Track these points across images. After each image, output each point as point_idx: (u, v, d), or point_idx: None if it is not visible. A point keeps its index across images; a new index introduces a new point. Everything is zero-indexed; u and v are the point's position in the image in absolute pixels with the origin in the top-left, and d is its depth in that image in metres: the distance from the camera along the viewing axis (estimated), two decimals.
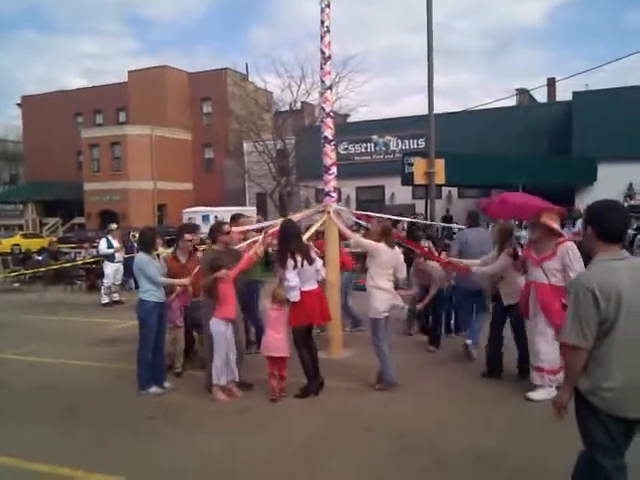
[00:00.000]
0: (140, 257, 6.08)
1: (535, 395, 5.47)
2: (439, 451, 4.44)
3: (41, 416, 5.43)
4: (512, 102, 29.02)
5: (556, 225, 5.56)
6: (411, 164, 16.99)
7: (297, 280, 5.68)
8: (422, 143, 25.37)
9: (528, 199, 6.25)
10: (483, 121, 24.80)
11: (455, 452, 4.41)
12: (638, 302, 2.74)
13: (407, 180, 18.84)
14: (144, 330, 6.02)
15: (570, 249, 5.42)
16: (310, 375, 5.84)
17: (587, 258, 3.23)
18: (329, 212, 7.20)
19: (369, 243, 5.99)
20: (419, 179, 14.53)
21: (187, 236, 6.81)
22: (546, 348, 5.47)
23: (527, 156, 22.40)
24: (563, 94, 33.19)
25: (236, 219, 7.79)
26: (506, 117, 25.12)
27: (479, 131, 24.44)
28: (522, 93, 29.95)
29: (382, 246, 5.91)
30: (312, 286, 5.83)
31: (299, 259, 5.71)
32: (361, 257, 13.12)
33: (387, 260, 5.93)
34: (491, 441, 4.58)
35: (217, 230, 6.22)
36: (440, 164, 14.26)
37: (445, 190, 25.34)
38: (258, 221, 9.93)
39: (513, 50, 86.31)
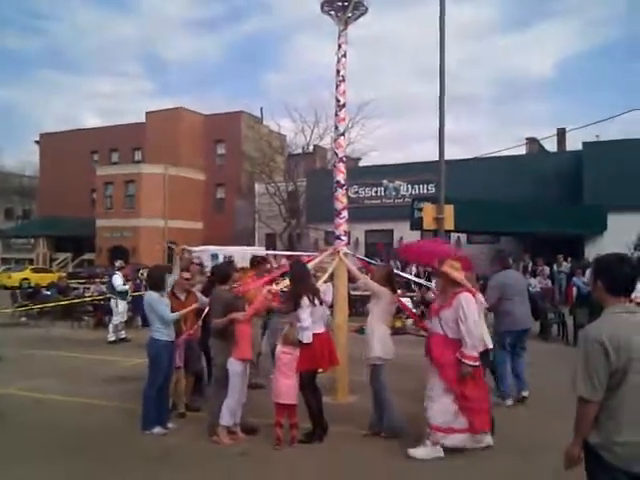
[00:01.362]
0: (150, 295, 6.11)
1: (415, 452, 5.18)
2: None
3: (41, 453, 5.36)
4: (522, 151, 29.38)
5: (457, 274, 5.31)
6: (420, 209, 17.12)
7: (310, 320, 5.62)
8: (432, 188, 25.58)
9: (433, 246, 6.27)
10: (493, 168, 25.06)
11: None
12: None
13: (416, 225, 18.94)
14: (154, 369, 6.00)
15: (464, 300, 5.16)
16: (316, 421, 5.75)
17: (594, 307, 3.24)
18: (340, 254, 7.26)
19: (378, 286, 5.99)
20: (428, 224, 14.58)
21: (185, 274, 6.85)
22: (435, 406, 5.17)
23: (537, 204, 22.51)
24: (573, 143, 33.44)
25: (258, 265, 7.83)
26: (516, 165, 25.37)
27: (489, 178, 24.66)
28: (532, 142, 30.33)
29: (387, 290, 5.93)
30: (321, 329, 5.80)
31: (312, 298, 5.71)
32: (356, 301, 13.00)
33: (390, 304, 5.96)
34: None
35: (227, 272, 6.28)
36: (449, 210, 14.32)
37: (454, 236, 25.41)
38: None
39: (523, 99, 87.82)
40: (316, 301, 5.74)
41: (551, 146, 31.67)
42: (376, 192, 29.76)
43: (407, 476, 4.90)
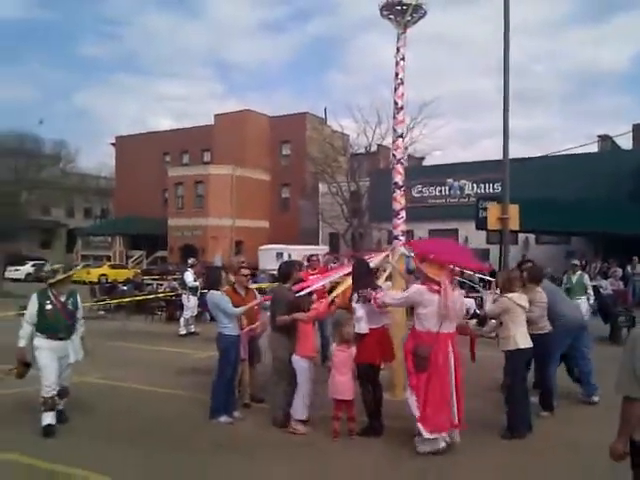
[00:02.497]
0: (212, 294, 6.52)
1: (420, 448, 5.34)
2: None
3: (120, 437, 5.84)
4: (594, 148, 28.27)
5: (432, 271, 5.47)
6: (485, 209, 16.88)
7: (363, 312, 5.84)
8: (498, 187, 25.03)
9: (430, 246, 6.46)
10: (564, 167, 24.30)
11: None
12: None
13: (481, 224, 18.66)
14: (223, 362, 6.39)
15: (413, 287, 5.62)
16: (372, 415, 5.93)
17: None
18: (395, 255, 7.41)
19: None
20: (492, 224, 14.35)
21: (244, 271, 7.17)
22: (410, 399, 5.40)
23: (609, 203, 21.67)
24: None
25: (313, 263, 8.21)
26: (588, 163, 24.51)
27: (559, 177, 23.95)
28: (604, 139, 29.10)
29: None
30: (378, 324, 5.96)
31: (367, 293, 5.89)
32: None
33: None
34: None
35: (289, 271, 6.57)
36: (514, 210, 14.06)
37: (522, 236, 24.82)
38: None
39: (595, 95, 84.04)
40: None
41: (625, 143, 30.33)
42: (440, 191, 29.50)
43: (463, 472, 5.01)
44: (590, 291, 12.06)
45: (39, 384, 5.82)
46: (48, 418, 5.80)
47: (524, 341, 5.95)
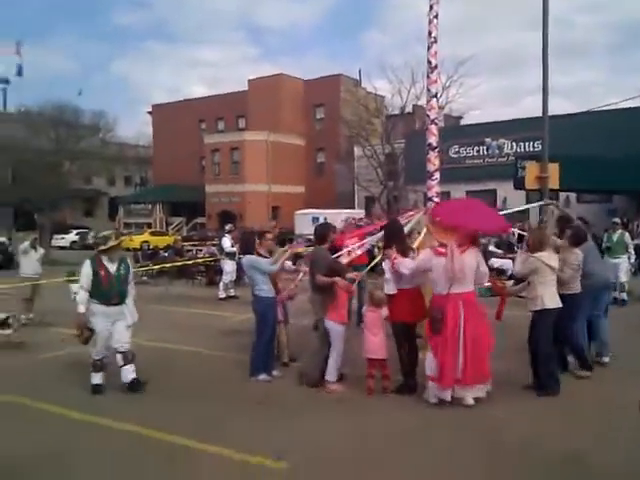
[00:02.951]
0: (248, 257, 6.73)
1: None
2: (528, 451, 4.56)
3: (170, 394, 6.15)
4: (637, 103, 27.04)
5: (439, 234, 5.74)
6: (524, 168, 16.52)
7: (390, 273, 5.98)
8: (538, 146, 24.38)
9: (446, 208, 6.60)
10: (607, 123, 23.42)
11: (544, 453, 4.50)
12: None
13: (519, 184, 18.29)
14: (262, 324, 6.62)
15: (422, 252, 5.97)
16: (407, 374, 6.08)
17: None
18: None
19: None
20: (531, 184, 14.06)
21: (268, 235, 7.22)
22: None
23: None
24: None
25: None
26: (630, 119, 23.51)
27: (602, 133, 23.13)
28: None
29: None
30: (409, 285, 6.02)
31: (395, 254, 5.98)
32: None
33: None
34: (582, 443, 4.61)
35: (325, 233, 6.69)
36: (554, 168, 13.73)
37: (563, 195, 24.23)
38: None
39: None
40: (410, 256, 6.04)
41: None
42: (478, 151, 28.90)
43: (496, 425, 5.13)
44: (631, 250, 11.84)
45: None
46: (96, 378, 6.12)
47: (552, 302, 5.94)
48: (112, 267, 6.13)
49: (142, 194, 48.64)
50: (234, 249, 13.54)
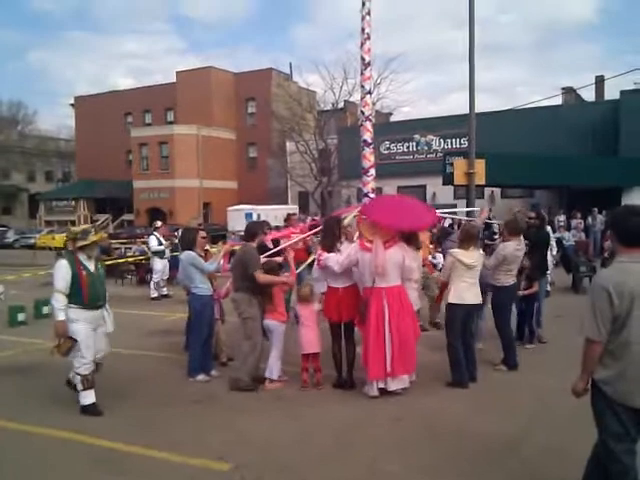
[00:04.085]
0: (187, 253, 6.57)
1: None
2: (468, 438, 4.72)
3: (106, 398, 5.87)
4: (558, 101, 28.56)
5: (367, 231, 5.87)
6: (452, 164, 17.06)
7: (319, 272, 6.15)
8: (465, 142, 25.22)
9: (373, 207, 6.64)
10: (528, 120, 24.56)
11: (482, 438, 4.67)
12: None
13: (448, 180, 18.88)
14: (198, 322, 6.49)
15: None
16: (338, 370, 6.14)
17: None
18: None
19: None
20: (459, 179, 14.58)
21: (202, 233, 7.10)
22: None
23: (572, 156, 22.08)
24: (614, 92, 32.32)
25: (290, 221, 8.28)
26: (552, 116, 24.77)
27: (525, 130, 24.23)
28: (568, 92, 29.41)
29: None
30: (338, 284, 6.04)
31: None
32: None
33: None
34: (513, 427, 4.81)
35: (256, 230, 6.61)
36: (480, 164, 14.28)
37: (488, 190, 25.20)
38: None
39: (561, 45, 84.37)
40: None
41: (590, 95, 30.73)
42: (408, 147, 29.54)
43: (434, 414, 5.26)
44: (553, 243, 12.42)
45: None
46: (90, 396, 5.43)
47: (456, 298, 6.10)
48: (91, 265, 5.47)
49: (65, 190, 46.47)
50: (162, 247, 13.15)
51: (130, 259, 16.10)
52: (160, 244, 13.19)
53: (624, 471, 3.10)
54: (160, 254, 13.17)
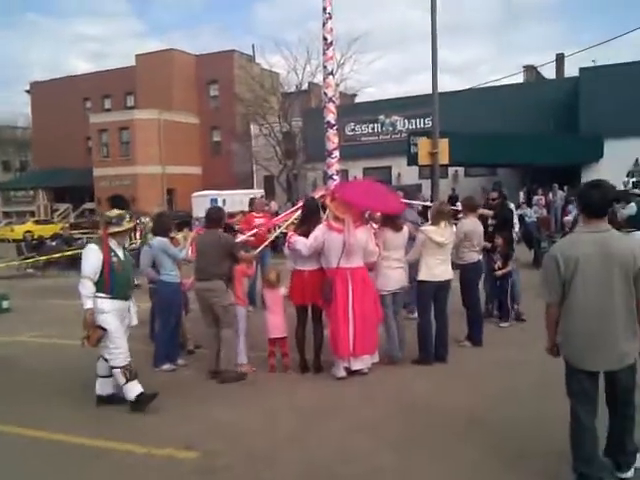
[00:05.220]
0: (160, 240, 6.41)
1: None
2: (433, 413, 4.78)
3: (61, 392, 5.76)
4: (520, 79, 28.90)
5: (338, 210, 5.82)
6: (416, 144, 17.11)
7: (289, 252, 6.09)
8: (429, 122, 25.32)
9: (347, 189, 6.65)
10: (490, 99, 24.78)
11: (447, 412, 4.72)
12: (593, 271, 3.23)
13: (413, 160, 18.96)
14: (166, 311, 6.38)
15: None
16: (301, 352, 6.10)
17: None
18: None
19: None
20: (423, 159, 14.63)
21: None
22: None
23: (533, 134, 22.41)
24: (574, 70, 32.79)
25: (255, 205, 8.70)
26: (513, 95, 25.06)
27: (486, 109, 24.45)
28: (529, 70, 29.79)
29: (387, 229, 6.18)
30: (302, 266, 6.01)
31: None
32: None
33: (392, 241, 6.18)
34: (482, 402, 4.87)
35: (220, 216, 6.46)
36: (444, 144, 14.33)
37: (452, 169, 25.44)
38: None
39: (523, 25, 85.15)
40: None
41: (550, 73, 31.15)
42: (373, 129, 29.54)
43: (402, 391, 5.30)
44: (515, 220, 12.60)
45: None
46: (137, 387, 5.11)
47: (424, 274, 6.13)
48: (121, 253, 5.20)
49: (23, 180, 45.10)
50: None
51: None
52: None
53: (581, 430, 3.33)
54: None
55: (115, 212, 5.32)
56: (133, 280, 5.50)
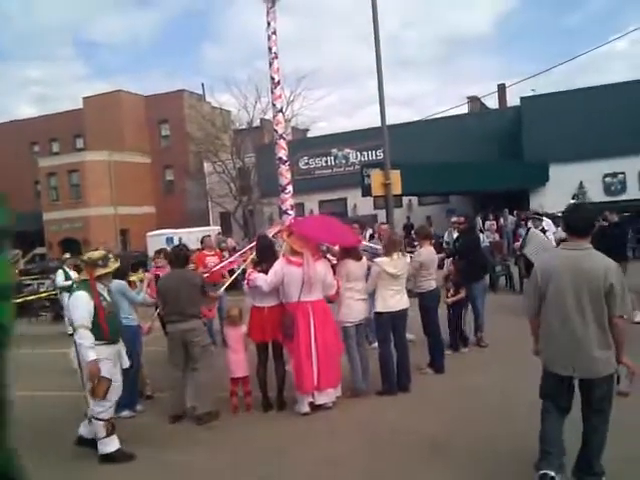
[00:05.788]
0: (119, 282, 6.24)
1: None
2: (402, 442, 4.76)
3: (26, 445, 5.47)
4: (465, 110, 29.94)
5: (296, 244, 5.88)
6: (369, 176, 17.42)
7: (248, 289, 6.01)
8: (380, 154, 25.82)
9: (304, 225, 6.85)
10: (438, 130, 25.52)
11: (412, 440, 4.70)
12: (564, 284, 3.47)
13: (367, 192, 19.26)
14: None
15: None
16: (263, 390, 6.01)
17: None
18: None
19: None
20: (377, 190, 14.87)
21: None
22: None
23: (481, 162, 23.15)
24: (515, 99, 34.24)
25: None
26: (459, 125, 25.89)
27: (435, 140, 25.14)
28: (473, 101, 30.93)
29: (348, 261, 6.20)
30: (264, 303, 5.95)
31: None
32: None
33: (353, 272, 6.20)
34: (445, 428, 4.89)
35: (187, 255, 6.41)
36: (396, 175, 14.63)
37: (405, 199, 25.93)
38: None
39: (464, 57, 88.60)
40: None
41: (495, 103, 32.39)
42: (326, 162, 29.90)
43: (368, 423, 5.26)
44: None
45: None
46: (115, 442, 4.96)
47: (381, 306, 6.20)
48: (107, 295, 5.07)
49: None
50: (68, 283, 12.25)
51: (43, 295, 15.21)
52: (68, 278, 12.35)
53: (548, 430, 3.57)
54: (67, 289, 12.33)
55: (97, 254, 5.18)
56: (120, 322, 5.35)
